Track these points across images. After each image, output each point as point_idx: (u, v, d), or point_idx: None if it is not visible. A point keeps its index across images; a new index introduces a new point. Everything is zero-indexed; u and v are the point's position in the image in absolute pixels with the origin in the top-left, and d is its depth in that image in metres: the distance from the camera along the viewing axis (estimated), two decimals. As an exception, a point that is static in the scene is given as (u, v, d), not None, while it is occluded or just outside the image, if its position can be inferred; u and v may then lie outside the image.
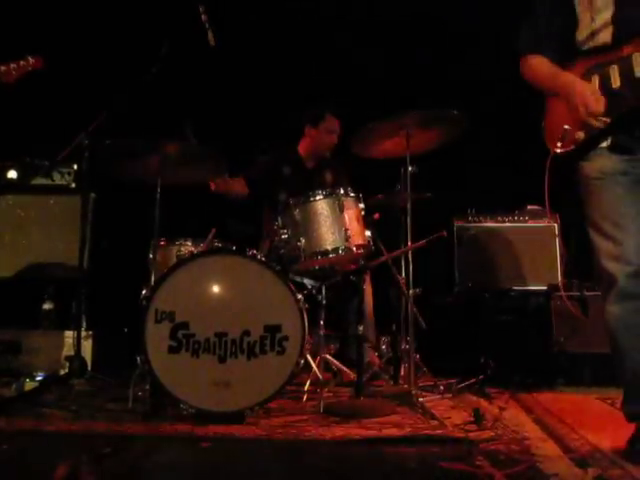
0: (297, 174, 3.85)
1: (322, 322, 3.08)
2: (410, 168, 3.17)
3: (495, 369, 3.51)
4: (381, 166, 3.47)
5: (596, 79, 2.08)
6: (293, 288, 2.73)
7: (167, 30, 3.11)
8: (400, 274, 3.34)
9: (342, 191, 3.04)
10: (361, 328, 3.22)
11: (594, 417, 2.81)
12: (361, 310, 3.28)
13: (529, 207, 4.10)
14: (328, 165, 3.91)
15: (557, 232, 4.06)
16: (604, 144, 2.09)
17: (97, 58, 4.50)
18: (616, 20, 2.08)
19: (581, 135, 2.09)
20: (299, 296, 2.72)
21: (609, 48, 2.09)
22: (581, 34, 2.16)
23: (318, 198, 3.01)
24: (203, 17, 2.98)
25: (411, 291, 3.12)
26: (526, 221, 4.09)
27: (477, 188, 4.37)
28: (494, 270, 4.04)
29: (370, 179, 3.65)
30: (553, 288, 3.85)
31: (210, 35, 2.98)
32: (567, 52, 2.20)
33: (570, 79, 2.13)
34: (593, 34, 2.13)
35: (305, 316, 2.69)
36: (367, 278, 3.52)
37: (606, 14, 2.10)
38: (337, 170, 3.88)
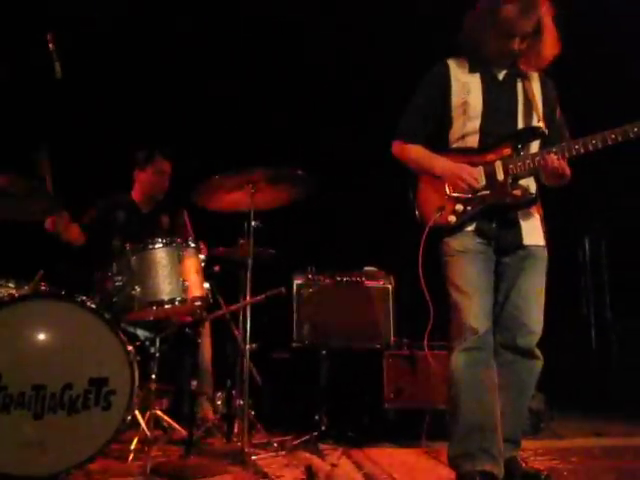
0: (131, 219, 3.75)
1: (154, 375, 2.96)
2: (254, 223, 3.21)
3: (329, 425, 3.55)
4: (225, 219, 3.48)
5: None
6: (124, 339, 2.60)
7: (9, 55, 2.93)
8: (238, 328, 3.32)
9: (182, 241, 3.01)
10: (195, 383, 3.13)
11: (422, 472, 2.89)
12: (196, 364, 3.21)
13: (366, 268, 4.31)
14: (165, 211, 3.86)
15: (391, 293, 4.29)
16: (469, 228, 2.46)
17: None
18: (483, 130, 2.47)
19: (453, 219, 2.45)
20: (130, 347, 2.60)
21: (475, 152, 2.47)
22: (453, 134, 2.54)
23: (157, 246, 2.94)
24: (51, 46, 2.81)
25: (248, 346, 3.11)
26: (363, 281, 4.28)
27: (318, 247, 4.54)
28: (331, 327, 4.14)
29: (213, 231, 3.65)
30: (386, 346, 4.03)
31: (57, 67, 2.81)
32: (437, 145, 2.55)
33: (450, 161, 2.48)
34: (463, 137, 2.51)
35: (135, 369, 2.57)
36: (205, 331, 3.46)
37: (475, 123, 2.48)
38: (175, 217, 3.84)
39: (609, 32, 4.77)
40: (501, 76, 2.57)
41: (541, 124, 2.48)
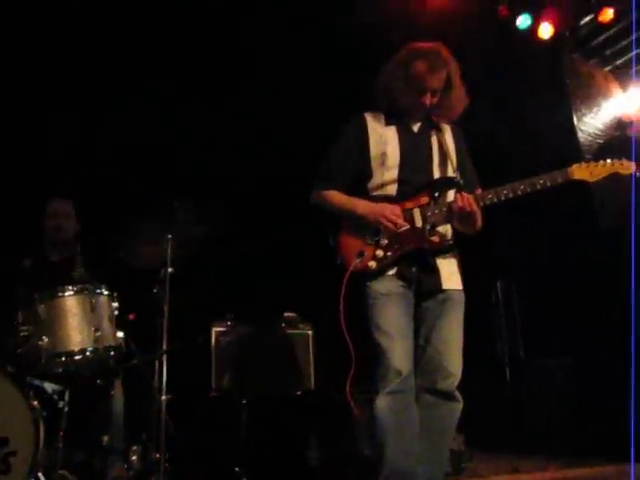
0: (39, 267, 3.56)
1: (62, 432, 2.77)
2: (170, 269, 3.14)
3: (250, 477, 3.44)
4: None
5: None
6: (28, 394, 2.43)
7: None
8: (153, 379, 3.19)
9: (94, 288, 2.88)
10: (106, 438, 2.96)
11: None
12: (108, 417, 3.03)
13: (286, 314, 4.28)
14: (77, 258, 3.69)
15: (312, 339, 4.27)
16: (391, 272, 2.50)
17: None
18: (400, 180, 2.55)
19: (373, 264, 2.49)
20: (34, 403, 2.44)
21: (394, 199, 2.54)
22: (372, 184, 2.60)
23: (67, 294, 2.81)
24: None
25: (164, 397, 2.99)
26: (283, 328, 4.24)
27: (237, 293, 4.47)
28: (251, 376, 4.06)
29: (127, 277, 3.52)
30: (307, 393, 3.98)
31: None
32: (356, 194, 2.60)
33: (372, 203, 2.54)
34: (382, 186, 2.58)
35: (40, 426, 2.40)
36: (117, 382, 3.29)
37: (393, 173, 2.56)
38: (89, 265, 3.67)
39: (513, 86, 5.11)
40: (416, 128, 2.67)
41: (456, 174, 2.58)
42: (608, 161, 2.47)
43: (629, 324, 3.67)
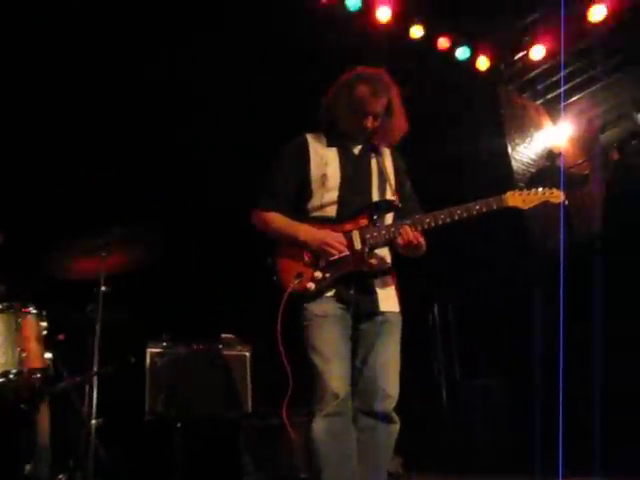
0: None
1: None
2: (103, 288, 3.05)
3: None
4: (73, 283, 3.26)
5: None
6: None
7: None
8: (83, 402, 3.06)
9: (21, 306, 2.76)
10: (28, 467, 2.81)
11: None
12: (33, 445, 2.88)
13: (223, 335, 4.21)
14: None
15: (249, 361, 4.21)
16: (329, 293, 2.50)
17: None
18: (340, 201, 2.57)
19: (312, 286, 2.47)
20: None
21: (334, 221, 2.55)
22: (312, 205, 2.59)
23: (-10, 313, 2.68)
24: None
25: (94, 421, 2.88)
26: (220, 349, 4.16)
27: (173, 313, 4.37)
28: (187, 398, 3.96)
29: (61, 295, 3.39)
30: (244, 416, 3.92)
31: None
32: (296, 215, 2.59)
33: (313, 228, 2.53)
34: (322, 207, 2.58)
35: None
36: (43, 406, 3.14)
37: (333, 194, 2.57)
38: (13, 280, 3.51)
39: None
40: (357, 151, 2.70)
41: (394, 197, 2.62)
42: (540, 190, 2.57)
43: (558, 346, 3.79)
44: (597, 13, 4.99)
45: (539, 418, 4.05)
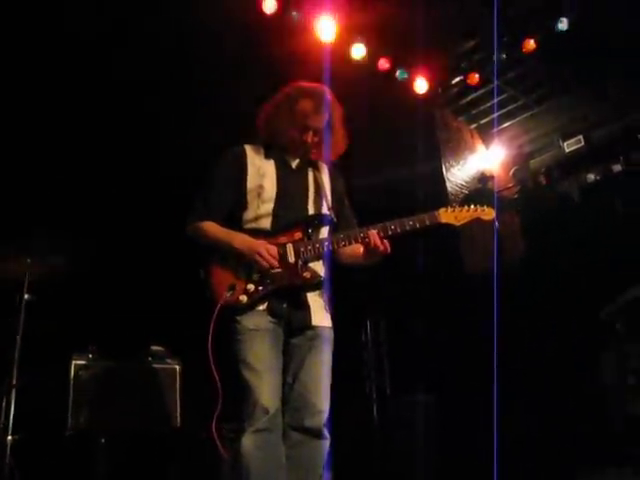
0: None
1: None
2: (26, 296, 2.93)
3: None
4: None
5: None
6: None
7: None
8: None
9: None
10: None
11: None
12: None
13: (152, 347, 4.12)
14: None
15: (179, 374, 4.13)
16: (261, 307, 2.48)
17: None
18: (275, 214, 2.55)
19: (244, 298, 2.44)
20: None
21: (268, 233, 2.53)
22: (247, 216, 2.57)
23: None
24: None
25: (10, 437, 2.75)
26: (149, 362, 4.07)
27: (100, 324, 4.24)
28: (112, 413, 3.84)
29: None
30: (173, 431, 3.82)
31: None
32: (230, 225, 2.56)
33: (249, 237, 2.50)
34: (257, 219, 2.56)
35: None
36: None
37: (269, 206, 2.56)
38: None
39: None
40: (294, 164, 2.72)
41: (330, 212, 2.64)
42: (472, 207, 2.65)
43: (491, 362, 3.89)
44: (529, 46, 5.22)
45: (472, 433, 4.14)
